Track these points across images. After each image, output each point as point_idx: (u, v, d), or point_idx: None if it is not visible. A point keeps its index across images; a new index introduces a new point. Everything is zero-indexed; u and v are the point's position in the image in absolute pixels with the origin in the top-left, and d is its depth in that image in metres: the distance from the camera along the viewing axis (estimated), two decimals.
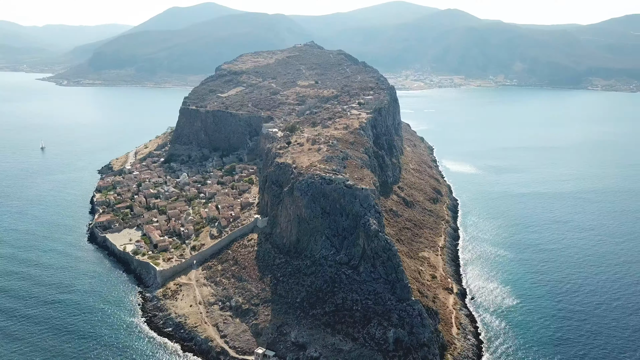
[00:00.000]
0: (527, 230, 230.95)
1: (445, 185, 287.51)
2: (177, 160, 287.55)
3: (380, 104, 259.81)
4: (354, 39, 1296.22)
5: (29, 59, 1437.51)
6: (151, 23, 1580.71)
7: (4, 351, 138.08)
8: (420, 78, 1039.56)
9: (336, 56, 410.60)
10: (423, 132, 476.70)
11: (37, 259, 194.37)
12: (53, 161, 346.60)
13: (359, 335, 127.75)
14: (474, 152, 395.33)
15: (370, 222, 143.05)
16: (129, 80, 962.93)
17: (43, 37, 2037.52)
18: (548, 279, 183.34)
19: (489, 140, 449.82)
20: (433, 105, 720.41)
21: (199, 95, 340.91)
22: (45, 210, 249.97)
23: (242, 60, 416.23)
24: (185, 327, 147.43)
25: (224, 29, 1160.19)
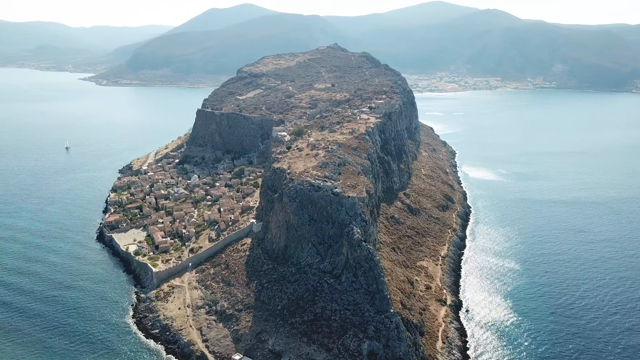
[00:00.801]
0: (538, 240, 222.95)
1: (459, 192, 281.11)
2: (191, 161, 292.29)
3: (391, 108, 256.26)
4: (387, 40, 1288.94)
5: (73, 59, 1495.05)
6: (190, 24, 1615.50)
7: None
8: (454, 80, 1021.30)
9: (358, 58, 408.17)
10: (448, 135, 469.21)
11: (44, 256, 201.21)
12: (76, 161, 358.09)
13: (333, 346, 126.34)
14: (499, 157, 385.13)
15: (354, 230, 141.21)
16: (164, 80, 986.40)
17: (89, 38, 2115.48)
18: (549, 293, 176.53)
19: (518, 145, 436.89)
20: (464, 108, 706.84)
21: (218, 97, 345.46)
22: (62, 209, 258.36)
23: (264, 63, 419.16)
24: (171, 329, 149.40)
25: (258, 30, 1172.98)
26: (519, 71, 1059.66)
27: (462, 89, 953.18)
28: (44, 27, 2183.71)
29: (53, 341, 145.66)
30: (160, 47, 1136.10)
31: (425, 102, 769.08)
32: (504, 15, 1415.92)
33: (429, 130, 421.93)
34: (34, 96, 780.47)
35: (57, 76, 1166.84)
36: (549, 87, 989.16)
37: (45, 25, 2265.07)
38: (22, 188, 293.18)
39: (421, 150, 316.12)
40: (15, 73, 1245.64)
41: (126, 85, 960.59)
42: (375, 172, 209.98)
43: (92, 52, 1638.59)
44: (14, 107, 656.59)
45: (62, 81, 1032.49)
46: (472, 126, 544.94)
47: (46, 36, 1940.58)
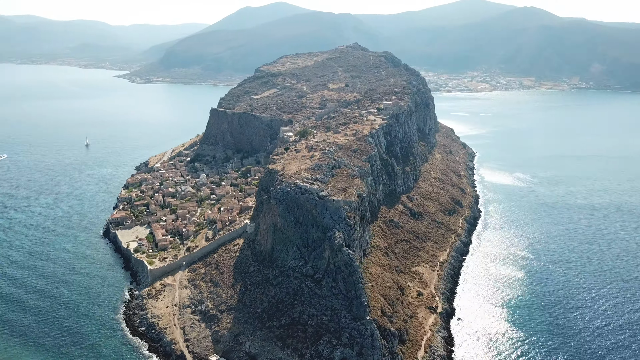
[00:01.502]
0: (548, 249, 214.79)
1: (471, 196, 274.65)
2: (202, 160, 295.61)
3: (399, 109, 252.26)
4: (421, 39, 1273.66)
5: (111, 57, 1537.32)
6: (224, 22, 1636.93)
7: None
8: (486, 79, 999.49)
9: (376, 58, 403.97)
10: (471, 137, 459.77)
11: (49, 251, 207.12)
12: (96, 157, 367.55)
13: (306, 352, 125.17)
14: (522, 160, 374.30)
15: (336, 235, 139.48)
16: (195, 78, 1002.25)
17: (128, 36, 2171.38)
18: (549, 306, 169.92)
19: (544, 148, 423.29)
20: (493, 109, 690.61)
21: (233, 97, 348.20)
22: (75, 204, 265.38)
23: (282, 62, 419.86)
24: (156, 327, 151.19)
25: (289, 28, 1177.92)
26: (554, 71, 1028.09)
27: (494, 89, 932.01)
28: (86, 26, 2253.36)
29: (42, 333, 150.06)
30: (193, 46, 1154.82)
31: (452, 102, 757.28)
32: (542, 13, 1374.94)
33: (448, 131, 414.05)
34: (68, 93, 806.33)
35: (93, 73, 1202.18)
36: (586, 88, 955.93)
37: (87, 23, 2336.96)
38: (41, 183, 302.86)
39: (434, 152, 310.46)
40: (56, 70, 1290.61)
41: (158, 83, 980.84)
42: (376, 175, 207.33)
43: (129, 50, 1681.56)
44: (48, 104, 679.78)
45: (97, 78, 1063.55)
46: (499, 127, 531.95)
47: (88, 34, 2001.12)
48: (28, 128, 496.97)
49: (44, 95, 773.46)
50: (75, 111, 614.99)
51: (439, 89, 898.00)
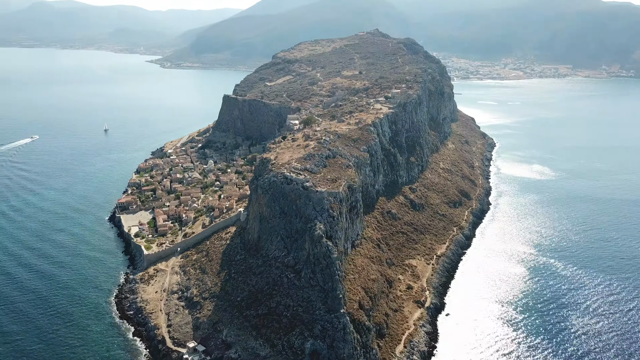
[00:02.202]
0: (556, 246, 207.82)
1: (481, 188, 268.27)
2: (212, 146, 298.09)
3: (407, 98, 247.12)
4: (454, 24, 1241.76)
5: (146, 42, 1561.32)
6: (256, 7, 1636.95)
7: None
8: (520, 67, 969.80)
9: (395, 45, 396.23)
10: (494, 126, 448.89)
11: (55, 232, 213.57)
12: (114, 142, 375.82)
13: (278, 342, 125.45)
14: (545, 151, 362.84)
15: (317, 226, 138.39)
16: (224, 63, 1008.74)
17: (163, 21, 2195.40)
18: (544, 303, 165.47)
19: (571, 139, 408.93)
20: (523, 97, 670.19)
21: (249, 83, 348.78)
22: (87, 188, 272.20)
23: (299, 49, 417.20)
24: (143, 312, 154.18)
25: (319, 13, 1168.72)
26: (592, 58, 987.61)
27: (527, 76, 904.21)
28: (123, 11, 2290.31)
29: (36, 310, 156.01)
30: (223, 31, 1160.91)
31: (482, 90, 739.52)
32: None
33: (468, 120, 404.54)
34: (99, 78, 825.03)
35: (127, 58, 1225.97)
36: (626, 76, 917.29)
37: (124, 8, 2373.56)
38: (59, 167, 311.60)
39: (448, 142, 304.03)
40: (91, 55, 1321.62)
41: (187, 68, 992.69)
42: (375, 165, 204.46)
43: (163, 35, 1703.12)
44: (79, 88, 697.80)
45: (129, 63, 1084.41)
46: (526, 117, 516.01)
47: (124, 19, 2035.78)
48: (58, 111, 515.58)
49: (76, 79, 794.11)
50: (103, 95, 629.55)
51: (469, 77, 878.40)
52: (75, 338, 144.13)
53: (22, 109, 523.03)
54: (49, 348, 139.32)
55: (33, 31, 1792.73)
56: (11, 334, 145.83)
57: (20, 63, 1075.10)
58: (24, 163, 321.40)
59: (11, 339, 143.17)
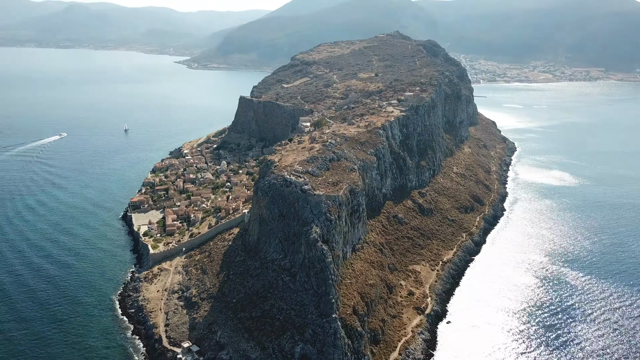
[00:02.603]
0: (567, 254, 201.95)
1: (497, 193, 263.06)
2: (227, 147, 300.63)
3: (420, 101, 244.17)
4: (483, 26, 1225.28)
5: (175, 43, 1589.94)
6: (284, 9, 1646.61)
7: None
8: (549, 70, 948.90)
9: (414, 47, 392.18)
10: (517, 130, 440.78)
11: (68, 230, 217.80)
12: (134, 142, 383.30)
13: (269, 345, 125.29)
14: (567, 156, 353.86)
15: (313, 230, 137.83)
16: (250, 64, 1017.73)
17: (193, 23, 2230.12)
18: (552, 314, 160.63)
19: (598, 144, 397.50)
20: (549, 101, 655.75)
21: (266, 85, 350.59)
22: (104, 186, 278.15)
23: (318, 50, 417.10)
24: (144, 310, 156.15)
25: (345, 15, 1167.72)
26: (626, 61, 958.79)
27: (557, 79, 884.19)
28: (154, 12, 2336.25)
29: (39, 308, 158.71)
30: (250, 32, 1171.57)
31: (508, 93, 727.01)
32: None
33: (489, 124, 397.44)
34: (127, 78, 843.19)
35: (156, 59, 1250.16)
36: None
37: (156, 10, 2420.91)
38: (80, 165, 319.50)
39: (464, 146, 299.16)
40: (122, 56, 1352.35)
41: (214, 69, 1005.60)
42: (383, 169, 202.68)
43: (192, 36, 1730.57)
44: (106, 88, 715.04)
45: (158, 64, 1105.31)
46: (552, 121, 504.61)
47: (156, 21, 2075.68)
48: (85, 110, 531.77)
49: (105, 79, 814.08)
50: (129, 95, 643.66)
51: (496, 79, 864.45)
52: (77, 331, 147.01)
53: (54, 107, 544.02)
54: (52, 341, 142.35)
55: (69, 32, 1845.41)
56: (16, 320, 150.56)
57: (56, 63, 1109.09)
58: (49, 160, 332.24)
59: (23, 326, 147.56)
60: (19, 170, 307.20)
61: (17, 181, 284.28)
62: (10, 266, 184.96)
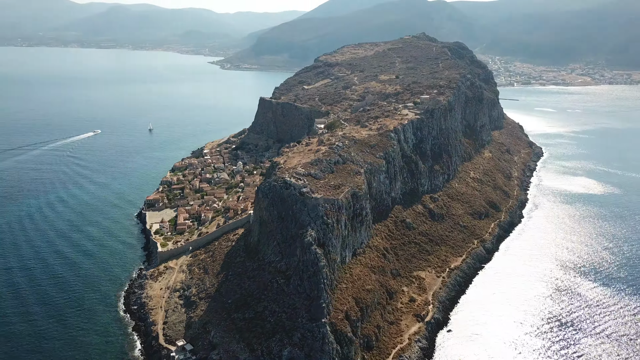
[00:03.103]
0: (583, 265, 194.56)
1: (515, 200, 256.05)
2: (245, 148, 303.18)
3: (435, 104, 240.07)
4: (522, 27, 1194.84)
5: (211, 43, 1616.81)
6: (318, 10, 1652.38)
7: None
8: (588, 72, 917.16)
9: (439, 49, 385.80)
10: (547, 135, 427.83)
11: (85, 226, 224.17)
12: (158, 141, 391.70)
13: (258, 347, 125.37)
14: (597, 163, 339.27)
15: (308, 233, 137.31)
16: (281, 65, 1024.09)
17: (230, 24, 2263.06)
18: (556, 326, 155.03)
19: (631, 151, 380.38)
20: (585, 105, 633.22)
21: (288, 86, 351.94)
22: (124, 184, 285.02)
23: (342, 52, 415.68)
24: (145, 308, 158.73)
25: (379, 16, 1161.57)
26: None
27: (595, 82, 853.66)
28: (193, 13, 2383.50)
29: (47, 299, 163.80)
30: (283, 33, 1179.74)
31: (542, 96, 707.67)
32: None
33: (515, 128, 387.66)
34: (160, 78, 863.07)
35: (191, 59, 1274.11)
36: None
37: (194, 11, 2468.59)
38: (105, 162, 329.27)
39: (484, 150, 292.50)
40: (159, 56, 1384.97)
41: (246, 70, 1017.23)
42: (393, 173, 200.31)
43: (228, 37, 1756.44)
44: (141, 87, 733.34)
45: (192, 64, 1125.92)
46: (585, 126, 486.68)
47: (194, 22, 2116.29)
48: (118, 108, 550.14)
49: (140, 79, 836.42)
50: (159, 94, 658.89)
51: (531, 82, 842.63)
52: (80, 324, 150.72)
53: (91, 105, 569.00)
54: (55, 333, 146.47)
55: (110, 33, 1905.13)
56: (21, 307, 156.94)
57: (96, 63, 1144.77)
58: (79, 156, 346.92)
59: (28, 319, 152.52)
60: (52, 164, 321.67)
61: (48, 176, 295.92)
62: (23, 258, 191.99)
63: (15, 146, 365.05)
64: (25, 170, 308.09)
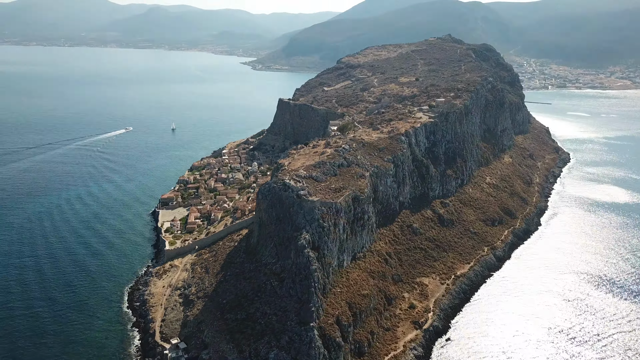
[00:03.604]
0: (596, 273, 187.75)
1: (534, 207, 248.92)
2: (262, 149, 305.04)
3: (450, 108, 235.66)
4: (558, 29, 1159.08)
5: (245, 44, 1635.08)
6: (352, 11, 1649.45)
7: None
8: (628, 76, 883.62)
9: (464, 51, 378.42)
10: (577, 141, 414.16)
11: (100, 222, 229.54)
12: (179, 140, 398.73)
13: (246, 349, 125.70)
14: (630, 171, 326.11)
15: (302, 236, 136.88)
16: (311, 67, 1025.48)
17: (265, 25, 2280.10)
18: (562, 340, 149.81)
19: None
20: (623, 110, 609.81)
21: (308, 87, 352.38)
22: (144, 182, 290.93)
23: (364, 54, 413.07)
24: (146, 304, 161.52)
25: (410, 17, 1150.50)
26: None
27: (635, 86, 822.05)
28: (229, 14, 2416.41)
29: (53, 293, 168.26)
30: (315, 34, 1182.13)
31: (576, 99, 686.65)
32: None
33: (542, 133, 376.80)
34: (192, 77, 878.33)
35: (224, 60, 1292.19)
36: None
37: (230, 12, 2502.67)
38: (128, 160, 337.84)
39: (504, 155, 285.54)
40: (193, 56, 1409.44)
41: (276, 71, 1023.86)
42: (401, 176, 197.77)
43: (262, 38, 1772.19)
44: (171, 87, 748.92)
45: (224, 64, 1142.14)
46: (620, 131, 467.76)
47: (229, 22, 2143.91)
48: (148, 107, 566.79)
49: (171, 79, 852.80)
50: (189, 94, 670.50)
51: (567, 85, 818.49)
52: (83, 322, 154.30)
53: (124, 103, 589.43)
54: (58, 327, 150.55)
55: (148, 34, 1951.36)
56: (27, 299, 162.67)
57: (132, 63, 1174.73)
58: (108, 153, 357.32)
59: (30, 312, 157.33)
60: (82, 159, 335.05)
61: (75, 171, 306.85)
62: (36, 250, 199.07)
63: (46, 142, 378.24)
64: (55, 165, 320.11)
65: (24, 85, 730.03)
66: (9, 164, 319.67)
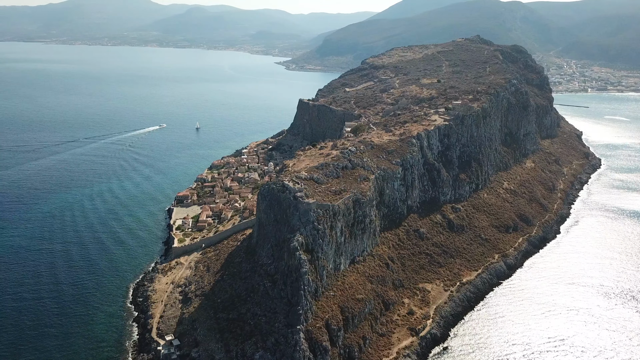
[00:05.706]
0: (613, 286, 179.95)
1: (554, 214, 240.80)
2: (280, 149, 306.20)
3: (467, 111, 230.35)
4: (604, 29, 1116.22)
5: (281, 44, 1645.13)
6: (389, 11, 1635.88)
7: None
8: None
9: (491, 53, 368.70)
10: (611, 146, 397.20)
11: (114, 218, 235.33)
12: (203, 140, 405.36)
13: (234, 349, 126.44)
14: None
15: (296, 238, 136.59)
16: (344, 67, 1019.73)
17: (303, 24, 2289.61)
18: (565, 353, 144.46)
19: None
20: None
21: (330, 88, 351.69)
22: (164, 179, 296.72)
23: (389, 55, 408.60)
24: (148, 300, 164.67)
25: (448, 17, 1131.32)
26: None
27: None
28: (267, 14, 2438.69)
29: (59, 288, 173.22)
30: (349, 34, 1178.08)
31: (616, 103, 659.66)
32: None
33: (571, 138, 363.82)
34: (225, 77, 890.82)
35: (259, 59, 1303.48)
36: None
37: (269, 12, 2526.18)
38: (157, 155, 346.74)
39: (526, 160, 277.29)
40: (229, 56, 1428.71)
41: (309, 71, 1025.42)
42: (410, 180, 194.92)
43: (298, 38, 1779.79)
44: (203, 86, 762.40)
45: (258, 64, 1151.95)
46: None
47: (267, 22, 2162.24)
48: (180, 106, 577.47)
49: (203, 78, 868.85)
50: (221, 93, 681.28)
51: (608, 88, 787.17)
52: (86, 314, 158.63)
53: (159, 101, 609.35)
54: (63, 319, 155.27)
55: (187, 33, 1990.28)
56: (32, 291, 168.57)
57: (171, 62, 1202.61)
58: (137, 149, 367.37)
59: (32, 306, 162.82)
60: (112, 154, 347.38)
61: (103, 167, 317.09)
62: (53, 243, 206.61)
63: (76, 138, 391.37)
64: (85, 159, 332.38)
65: (69, 82, 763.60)
66: (36, 160, 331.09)
